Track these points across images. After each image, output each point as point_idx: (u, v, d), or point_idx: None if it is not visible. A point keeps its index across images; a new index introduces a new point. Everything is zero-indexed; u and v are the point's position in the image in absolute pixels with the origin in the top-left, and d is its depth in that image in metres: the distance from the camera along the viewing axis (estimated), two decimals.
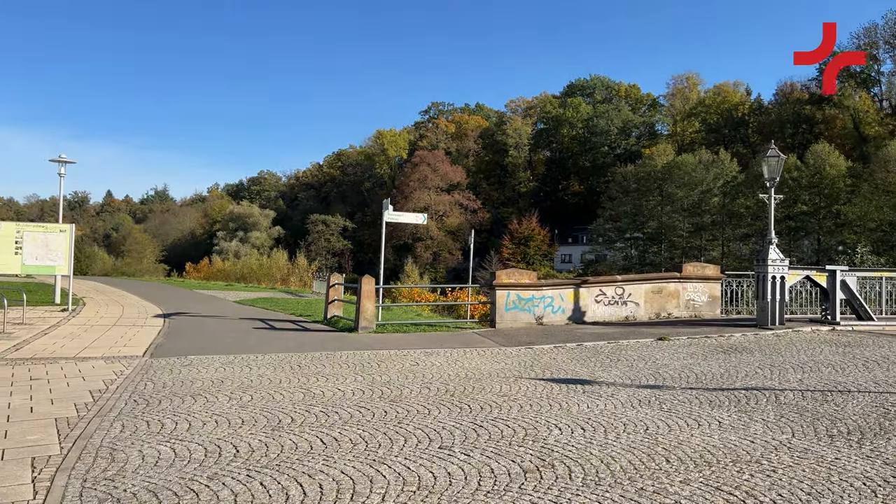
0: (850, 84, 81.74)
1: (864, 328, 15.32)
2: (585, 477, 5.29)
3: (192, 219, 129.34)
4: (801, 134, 79.63)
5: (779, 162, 16.11)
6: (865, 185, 58.33)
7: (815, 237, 62.85)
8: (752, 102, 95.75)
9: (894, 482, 5.18)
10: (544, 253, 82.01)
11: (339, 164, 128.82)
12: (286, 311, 21.27)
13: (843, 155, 64.11)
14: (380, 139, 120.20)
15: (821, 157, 61.70)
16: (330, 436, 6.45)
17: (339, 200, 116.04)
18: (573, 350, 12.49)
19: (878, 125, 77.26)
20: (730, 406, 7.79)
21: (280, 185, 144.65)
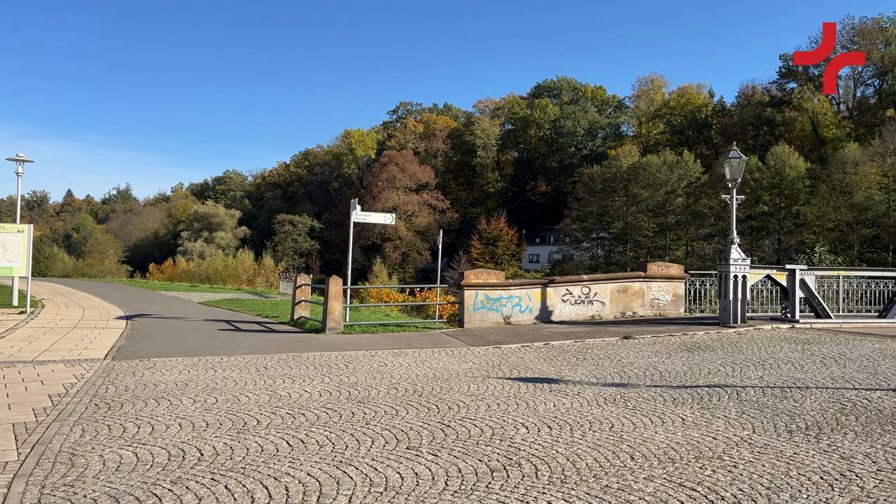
0: (809, 87, 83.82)
1: (822, 326, 15.72)
2: (551, 475, 5.34)
3: (156, 219, 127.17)
4: (763, 136, 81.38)
5: (740, 163, 16.44)
6: (823, 186, 59.85)
7: (775, 237, 64.29)
8: (715, 104, 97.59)
9: (850, 476, 5.33)
10: (512, 253, 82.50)
11: (306, 164, 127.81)
12: (252, 313, 21.03)
13: (802, 156, 65.66)
14: (348, 138, 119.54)
15: (781, 158, 63.12)
16: (296, 438, 6.40)
17: (307, 200, 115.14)
18: (540, 349, 12.58)
19: (836, 128, 79.36)
20: (693, 403, 7.93)
21: (246, 184, 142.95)
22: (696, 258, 61.97)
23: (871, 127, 70.54)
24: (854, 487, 5.07)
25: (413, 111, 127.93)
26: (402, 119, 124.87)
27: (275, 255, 77.13)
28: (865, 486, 5.11)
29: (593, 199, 74.66)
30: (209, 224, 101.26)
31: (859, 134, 71.32)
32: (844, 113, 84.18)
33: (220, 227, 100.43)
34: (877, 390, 8.55)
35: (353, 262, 17.65)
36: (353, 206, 17.35)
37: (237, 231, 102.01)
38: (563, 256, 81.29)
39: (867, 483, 5.16)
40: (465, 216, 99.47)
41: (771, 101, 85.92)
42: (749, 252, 53.45)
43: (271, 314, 20.22)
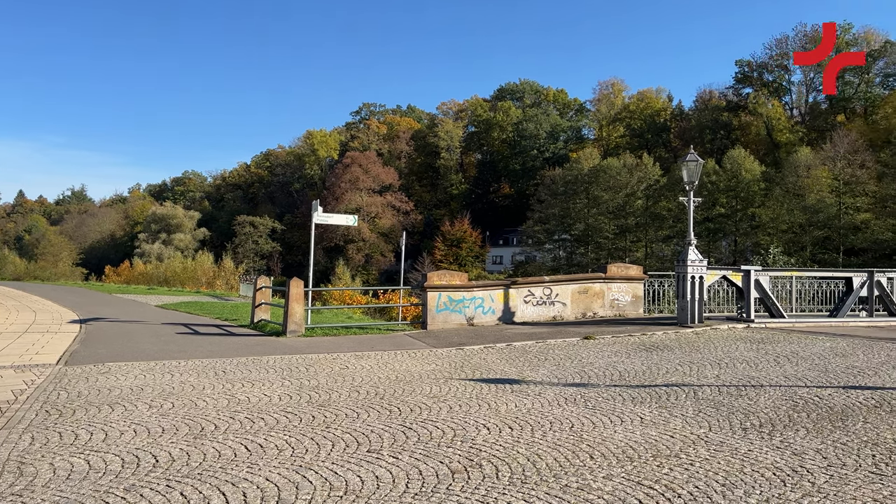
0: (764, 92, 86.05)
1: (776, 325, 16.11)
2: (512, 475, 5.36)
3: (112, 220, 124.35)
4: (719, 139, 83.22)
5: (697, 166, 16.77)
6: (778, 189, 61.46)
7: (732, 238, 65.79)
8: (673, 109, 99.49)
9: (801, 471, 5.47)
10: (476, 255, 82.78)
11: (267, 165, 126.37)
12: (211, 316, 20.68)
13: (757, 160, 67.36)
14: (310, 139, 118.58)
15: (737, 161, 64.64)
16: (255, 442, 6.31)
17: (268, 201, 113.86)
18: (503, 350, 12.63)
19: (789, 132, 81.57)
20: (651, 402, 8.05)
21: (206, 185, 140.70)
22: (655, 259, 63.08)
23: (822, 132, 72.74)
24: (805, 483, 5.20)
25: (376, 112, 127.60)
26: (365, 120, 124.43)
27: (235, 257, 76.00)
28: (816, 481, 5.24)
29: (555, 202, 75.44)
30: (167, 226, 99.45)
31: (811, 138, 73.46)
32: (797, 118, 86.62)
33: (178, 229, 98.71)
34: (827, 388, 8.79)
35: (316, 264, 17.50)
36: (314, 207, 17.19)
37: (196, 233, 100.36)
38: (526, 258, 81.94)
39: (818, 478, 5.30)
40: (428, 218, 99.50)
41: (727, 106, 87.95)
42: (706, 253, 54.61)
43: (231, 317, 19.91)
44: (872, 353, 11.74)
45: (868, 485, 5.15)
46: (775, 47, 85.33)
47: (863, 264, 47.61)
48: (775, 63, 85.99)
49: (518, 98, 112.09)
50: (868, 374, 9.78)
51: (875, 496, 4.91)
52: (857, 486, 5.13)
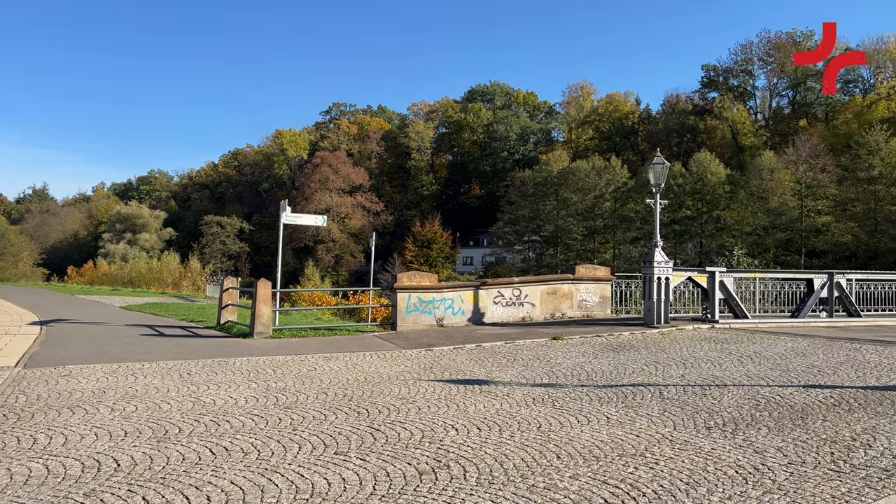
0: (729, 97, 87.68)
1: (740, 326, 16.41)
2: (479, 476, 5.37)
3: (76, 220, 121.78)
4: (686, 143, 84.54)
5: (664, 169, 17.00)
6: (742, 192, 62.68)
7: (698, 240, 66.86)
8: (641, 112, 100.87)
9: (763, 469, 5.57)
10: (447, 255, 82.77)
11: (235, 164, 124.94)
12: (177, 317, 20.36)
13: (722, 163, 68.63)
14: (279, 139, 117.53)
15: (703, 164, 65.74)
16: (220, 445, 6.22)
17: (236, 201, 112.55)
18: (472, 351, 12.66)
19: (754, 136, 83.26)
20: (618, 402, 8.13)
21: (172, 184, 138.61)
22: (622, 261, 63.82)
23: (785, 136, 74.40)
24: (766, 480, 5.30)
25: (346, 112, 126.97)
26: (335, 120, 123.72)
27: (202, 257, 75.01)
28: (777, 478, 5.35)
29: (525, 203, 75.91)
30: (133, 225, 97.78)
31: (775, 142, 75.06)
32: (761, 122, 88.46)
33: (144, 229, 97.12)
34: (788, 387, 8.98)
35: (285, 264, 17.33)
36: (282, 207, 17.04)
37: (162, 233, 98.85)
38: (497, 259, 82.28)
39: (778, 476, 5.41)
40: (399, 218, 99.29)
41: (694, 110, 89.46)
42: (673, 255, 55.41)
43: (197, 318, 19.62)
44: (832, 352, 12.02)
45: (826, 482, 5.26)
46: (740, 53, 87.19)
47: (823, 266, 48.79)
48: (740, 68, 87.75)
49: (489, 100, 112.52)
50: (827, 373, 10.01)
51: (833, 493, 5.02)
52: (816, 483, 5.24)
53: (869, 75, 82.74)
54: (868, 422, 7.08)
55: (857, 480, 5.29)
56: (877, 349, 12.29)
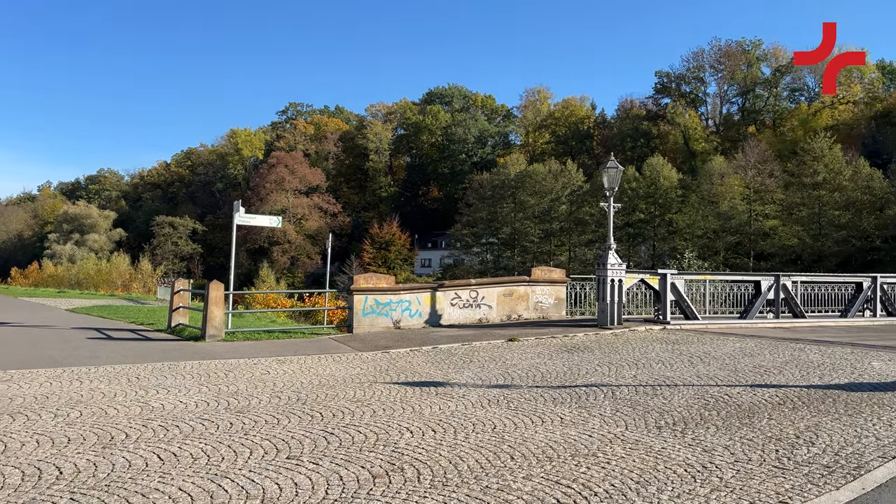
0: (681, 103, 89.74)
1: (691, 327, 16.77)
2: (434, 478, 5.36)
3: (20, 220, 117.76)
4: (640, 147, 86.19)
5: (617, 173, 17.29)
6: (693, 196, 64.19)
7: (650, 243, 68.18)
8: (596, 117, 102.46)
9: (711, 467, 5.70)
10: (405, 258, 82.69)
11: (188, 164, 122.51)
12: (126, 320, 19.84)
13: (675, 168, 70.16)
14: (234, 138, 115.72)
15: (656, 169, 67.10)
16: (168, 451, 6.07)
17: (189, 202, 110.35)
18: (428, 353, 12.65)
19: (705, 141, 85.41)
20: (571, 402, 8.22)
21: (122, 184, 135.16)
22: (578, 263, 64.63)
23: (735, 142, 76.51)
24: (714, 478, 5.41)
25: (303, 112, 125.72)
26: (291, 120, 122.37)
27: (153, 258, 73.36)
28: (724, 476, 5.47)
29: (483, 206, 76.31)
30: (81, 226, 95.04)
31: (725, 148, 77.13)
32: (712, 128, 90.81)
33: (92, 229, 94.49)
34: (736, 386, 9.21)
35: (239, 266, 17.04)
36: (236, 207, 16.75)
37: (112, 233, 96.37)
38: (455, 261, 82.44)
39: (725, 474, 5.53)
40: (357, 220, 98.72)
41: (647, 115, 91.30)
42: (626, 257, 56.37)
43: (147, 321, 19.15)
44: (778, 352, 12.38)
45: (771, 479, 5.41)
46: (692, 60, 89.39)
47: (771, 268, 50.27)
48: (692, 75, 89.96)
49: (447, 102, 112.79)
50: (773, 372, 10.30)
51: (777, 489, 5.16)
52: (761, 480, 5.38)
53: (814, 84, 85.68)
54: (811, 420, 7.31)
55: (800, 477, 5.44)
56: (819, 349, 12.70)
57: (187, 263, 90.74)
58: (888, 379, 9.72)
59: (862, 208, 56.40)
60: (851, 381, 9.53)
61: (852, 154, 60.59)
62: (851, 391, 8.83)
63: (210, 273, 75.12)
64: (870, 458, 5.91)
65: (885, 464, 5.76)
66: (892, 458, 5.93)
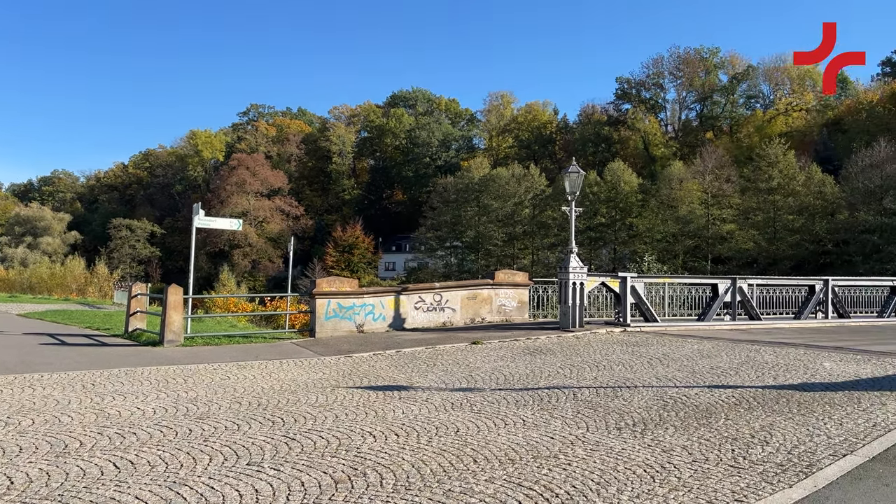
0: (642, 109, 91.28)
1: (650, 329, 17.05)
2: (396, 483, 5.35)
3: None
4: (601, 152, 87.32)
5: (579, 177, 17.50)
6: (653, 201, 65.27)
7: (611, 247, 69.10)
8: (559, 122, 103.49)
9: (669, 467, 5.80)
10: (368, 261, 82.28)
11: (146, 165, 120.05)
12: (81, 325, 19.36)
13: (635, 173, 71.26)
14: (193, 139, 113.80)
15: (616, 174, 68.06)
16: (125, 459, 5.94)
17: (147, 204, 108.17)
18: (392, 357, 12.61)
19: (664, 147, 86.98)
20: (534, 405, 8.29)
21: (78, 186, 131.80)
22: (541, 266, 65.19)
23: (693, 147, 78.03)
24: (672, 478, 5.52)
25: (265, 114, 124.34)
26: (253, 121, 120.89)
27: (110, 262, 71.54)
28: (682, 476, 5.58)
29: (447, 209, 76.43)
30: (33, 228, 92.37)
31: (684, 153, 78.61)
32: (671, 134, 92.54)
33: (46, 232, 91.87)
34: (694, 387, 9.40)
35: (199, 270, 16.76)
36: (195, 210, 16.49)
37: (67, 236, 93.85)
38: (419, 264, 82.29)
39: (683, 473, 5.64)
40: (320, 223, 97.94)
41: (608, 121, 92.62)
42: (588, 261, 57.07)
43: (103, 326, 18.71)
44: (734, 354, 12.66)
45: (727, 478, 5.53)
46: (652, 67, 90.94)
47: (728, 272, 51.37)
48: (652, 81, 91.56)
49: (411, 105, 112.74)
50: (730, 373, 10.53)
51: (733, 488, 5.29)
52: (717, 479, 5.50)
53: (769, 92, 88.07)
54: (766, 419, 7.49)
55: (755, 476, 5.58)
56: (774, 350, 13.02)
57: (145, 267, 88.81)
58: (839, 379, 10.03)
59: (814, 213, 58.03)
60: (804, 382, 9.80)
61: (805, 160, 62.35)
62: (804, 391, 9.08)
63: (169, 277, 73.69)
64: (821, 457, 6.09)
65: (836, 462, 5.94)
66: (843, 456, 6.11)
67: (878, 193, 53.61)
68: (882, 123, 67.41)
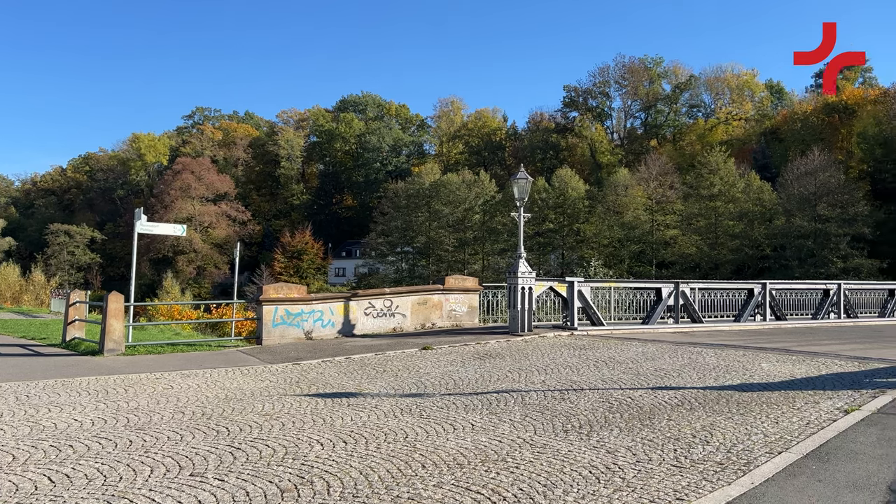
0: (588, 116, 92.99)
1: (597, 332, 17.35)
2: (344, 490, 5.30)
3: None
4: (549, 159, 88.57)
5: (527, 183, 17.70)
6: (600, 207, 66.53)
7: (560, 252, 70.07)
8: (508, 129, 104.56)
9: (614, 468, 5.91)
10: (318, 267, 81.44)
11: (86, 169, 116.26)
12: (15, 334, 18.60)
13: (582, 179, 72.50)
14: (136, 143, 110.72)
15: (564, 180, 69.14)
16: (61, 472, 5.73)
17: (87, 209, 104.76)
18: (341, 363, 12.50)
19: (610, 154, 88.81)
20: (482, 409, 8.34)
21: (12, 190, 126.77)
22: (491, 271, 65.58)
23: (638, 154, 79.87)
24: (617, 479, 5.62)
25: (211, 117, 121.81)
26: (198, 125, 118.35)
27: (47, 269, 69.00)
28: (626, 476, 5.69)
29: (398, 214, 76.29)
30: None
31: (629, 161, 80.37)
32: (617, 142, 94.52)
33: None
34: (638, 389, 9.60)
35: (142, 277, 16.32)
36: (137, 215, 16.05)
37: (0, 242, 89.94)
38: (370, 270, 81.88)
39: (627, 474, 5.76)
40: (268, 228, 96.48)
41: (556, 128, 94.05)
42: (537, 266, 57.70)
43: (39, 336, 18.01)
44: (677, 356, 12.99)
45: (670, 477, 5.67)
46: (598, 75, 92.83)
47: (671, 276, 52.74)
48: (598, 90, 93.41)
49: (361, 110, 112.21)
50: (673, 375, 10.80)
51: (675, 487, 5.42)
52: (660, 478, 5.63)
53: (710, 101, 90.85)
54: (707, 419, 7.71)
55: (695, 474, 5.73)
56: (715, 352, 13.42)
57: (85, 274, 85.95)
58: (775, 379, 10.39)
59: (753, 219, 60.09)
60: (743, 382, 10.12)
61: (744, 168, 64.58)
62: (743, 391, 9.38)
63: (110, 284, 71.51)
64: (758, 454, 6.29)
65: (772, 459, 6.15)
66: (779, 453, 6.33)
67: (813, 200, 55.93)
68: (816, 133, 70.44)
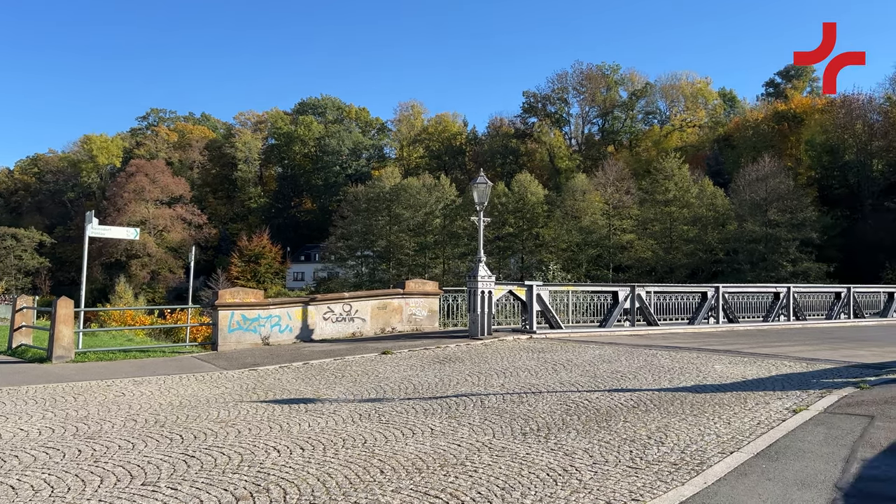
0: (547, 122, 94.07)
1: (555, 335, 17.50)
2: (300, 497, 5.24)
3: None
4: (509, 164, 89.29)
5: (487, 188, 17.80)
6: (558, 211, 67.29)
7: (519, 256, 70.64)
8: (468, 133, 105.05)
9: (571, 470, 5.97)
10: (276, 271, 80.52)
11: (35, 171, 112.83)
12: None
13: (541, 184, 73.28)
14: (88, 144, 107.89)
15: (524, 185, 69.78)
16: (5, 484, 5.54)
17: (35, 212, 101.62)
18: (299, 369, 12.36)
19: (568, 159, 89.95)
20: (442, 413, 8.34)
21: None
22: (452, 275, 65.72)
23: (595, 160, 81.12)
24: (574, 481, 5.68)
25: (166, 119, 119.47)
26: (153, 126, 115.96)
27: None
28: (583, 478, 5.75)
29: (358, 218, 75.90)
30: None
31: (587, 166, 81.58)
32: (575, 147, 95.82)
33: None
34: (595, 391, 9.72)
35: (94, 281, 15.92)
36: (88, 218, 15.62)
37: None
38: (329, 274, 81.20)
39: (584, 475, 5.82)
40: (224, 232, 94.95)
41: (516, 134, 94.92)
42: (497, 270, 58.07)
43: None
44: (633, 358, 13.19)
45: (626, 478, 5.75)
46: (557, 82, 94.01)
47: (628, 279, 53.55)
48: (557, 96, 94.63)
49: (320, 113, 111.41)
50: (629, 377, 10.97)
51: (631, 488, 5.50)
52: (616, 480, 5.71)
53: (665, 108, 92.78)
54: (661, 421, 7.85)
55: (651, 475, 5.83)
56: (670, 354, 13.67)
57: (33, 279, 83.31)
58: (728, 380, 10.64)
59: (707, 224, 61.53)
60: (697, 384, 10.33)
61: (698, 174, 66.09)
62: (697, 393, 9.57)
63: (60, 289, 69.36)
64: (711, 455, 6.43)
65: (724, 459, 6.29)
66: (731, 453, 6.48)
67: (763, 206, 57.57)
68: (766, 140, 72.55)
